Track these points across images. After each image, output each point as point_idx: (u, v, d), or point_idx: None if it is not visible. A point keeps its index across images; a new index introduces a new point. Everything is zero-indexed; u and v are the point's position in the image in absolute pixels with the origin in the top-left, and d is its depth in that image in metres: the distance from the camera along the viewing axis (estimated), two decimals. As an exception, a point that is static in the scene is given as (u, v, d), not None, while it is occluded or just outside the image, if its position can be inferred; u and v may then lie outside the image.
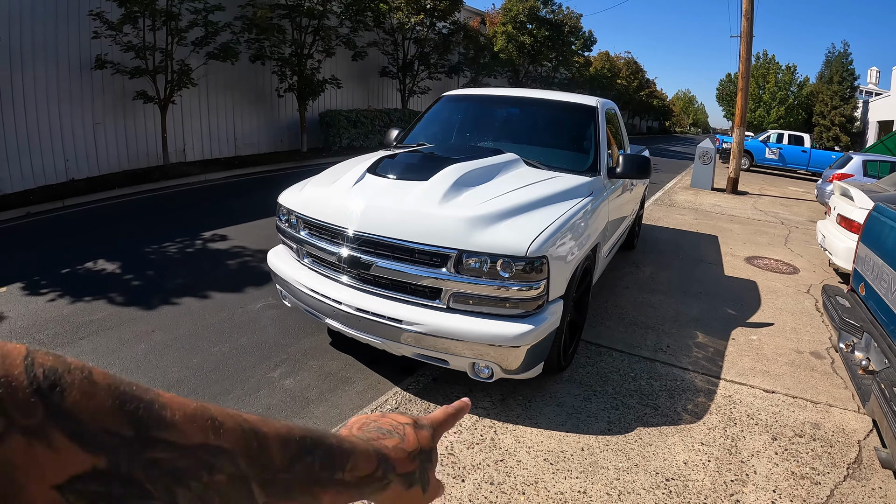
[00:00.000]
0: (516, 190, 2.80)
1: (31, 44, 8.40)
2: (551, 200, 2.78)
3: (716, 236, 7.15)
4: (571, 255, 2.63)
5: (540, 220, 2.53)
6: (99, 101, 9.73)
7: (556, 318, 2.54)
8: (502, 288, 2.38)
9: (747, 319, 4.18)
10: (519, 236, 2.37)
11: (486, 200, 2.61)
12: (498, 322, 2.41)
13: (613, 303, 4.32)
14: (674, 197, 10.46)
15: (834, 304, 3.09)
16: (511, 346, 2.38)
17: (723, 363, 3.38)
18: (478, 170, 2.93)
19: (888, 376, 2.13)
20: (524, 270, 2.35)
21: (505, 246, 2.35)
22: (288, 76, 12.53)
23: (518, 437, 2.54)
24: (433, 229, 2.45)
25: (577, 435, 2.55)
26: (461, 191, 2.68)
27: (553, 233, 2.47)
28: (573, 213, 2.73)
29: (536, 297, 2.42)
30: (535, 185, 2.93)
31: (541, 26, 21.11)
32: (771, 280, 5.30)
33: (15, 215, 7.65)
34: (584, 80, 28.48)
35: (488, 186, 2.80)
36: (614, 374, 3.14)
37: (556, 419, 2.68)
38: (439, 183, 2.69)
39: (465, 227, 2.42)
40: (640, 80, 40.94)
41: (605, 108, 3.92)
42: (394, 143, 4.19)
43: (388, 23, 15.19)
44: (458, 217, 2.46)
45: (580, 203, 2.89)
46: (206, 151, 12.44)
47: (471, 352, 2.44)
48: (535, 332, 2.40)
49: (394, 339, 2.57)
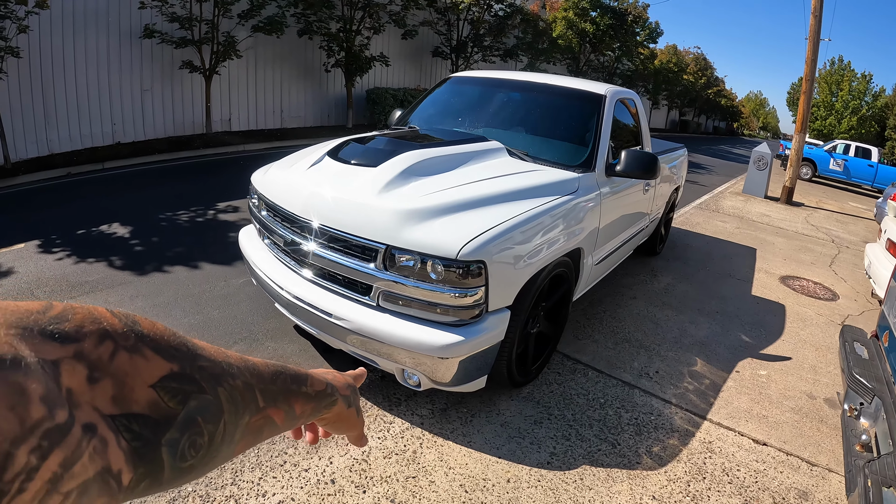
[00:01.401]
0: (476, 182, 2.49)
1: (84, 11, 8.69)
2: (515, 196, 2.45)
3: (754, 249, 6.46)
4: (527, 260, 2.30)
5: (489, 218, 2.22)
6: (147, 69, 10.00)
7: (498, 331, 2.24)
8: (432, 291, 2.10)
9: (761, 350, 3.67)
10: (453, 236, 2.08)
11: (433, 192, 2.33)
12: (426, 328, 2.14)
13: (612, 314, 3.92)
14: (721, 202, 9.63)
15: (849, 350, 2.57)
16: (438, 356, 2.10)
17: (715, 400, 2.94)
18: (440, 157, 2.64)
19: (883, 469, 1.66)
20: (457, 274, 2.06)
21: (435, 245, 2.07)
22: (335, 52, 12.47)
23: (442, 455, 2.29)
24: (366, 221, 2.23)
25: (510, 463, 2.25)
26: (409, 180, 2.41)
27: (500, 234, 2.16)
28: (538, 213, 2.39)
29: (471, 306, 2.13)
30: (503, 177, 2.61)
31: (604, 14, 20.02)
32: (803, 305, 4.69)
33: (57, 174, 8.00)
34: (649, 72, 26.91)
35: (446, 177, 2.51)
36: (581, 397, 2.79)
37: (494, 441, 2.39)
38: (386, 171, 2.45)
39: (398, 220, 2.17)
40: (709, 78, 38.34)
41: (615, 98, 3.50)
42: (393, 125, 3.99)
43: (442, 2, 14.81)
44: (392, 209, 2.20)
45: (554, 202, 2.54)
46: (251, 122, 12.66)
47: (397, 356, 2.20)
48: (467, 343, 2.11)
49: (327, 331, 2.41)
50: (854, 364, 2.39)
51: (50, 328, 0.30)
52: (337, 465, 2.20)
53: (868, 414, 2.11)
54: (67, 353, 0.30)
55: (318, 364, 3.06)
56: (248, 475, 2.12)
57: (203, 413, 0.38)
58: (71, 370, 0.29)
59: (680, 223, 7.33)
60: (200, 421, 0.38)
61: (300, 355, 3.15)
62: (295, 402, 0.52)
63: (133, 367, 0.33)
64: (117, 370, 0.32)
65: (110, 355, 0.32)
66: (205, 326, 3.50)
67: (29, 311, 0.30)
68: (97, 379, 0.31)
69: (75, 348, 0.30)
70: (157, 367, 0.35)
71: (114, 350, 0.33)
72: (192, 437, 0.37)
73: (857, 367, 2.35)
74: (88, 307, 0.35)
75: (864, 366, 2.41)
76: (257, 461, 2.20)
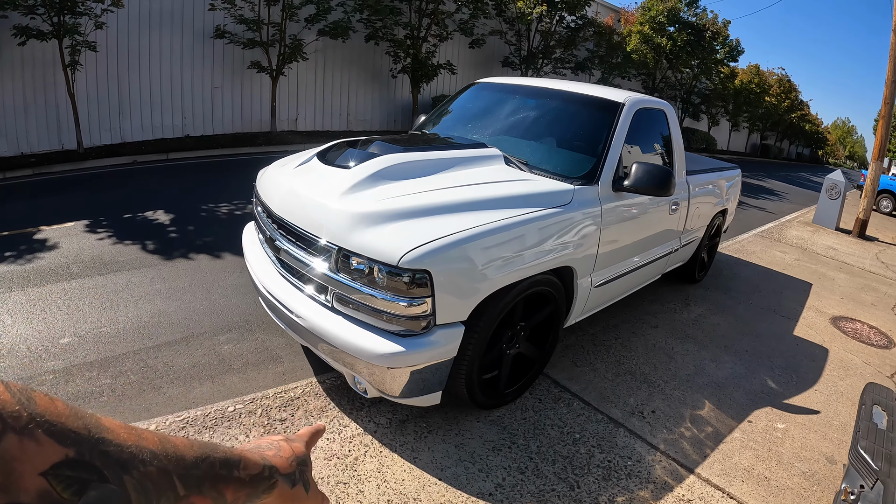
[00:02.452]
0: (450, 189, 2.36)
1: (160, 10, 9.35)
2: (489, 205, 2.29)
3: (810, 284, 5.81)
4: (488, 274, 2.13)
5: (448, 226, 2.08)
6: (218, 67, 10.61)
7: (448, 347, 2.08)
8: (376, 298, 1.99)
9: (786, 399, 3.23)
10: (398, 242, 1.96)
11: (396, 196, 2.23)
12: (369, 334, 2.03)
13: (624, 342, 3.62)
14: (785, 231, 8.80)
15: (864, 416, 2.17)
16: (375, 364, 1.99)
17: (711, 452, 2.60)
18: (419, 162, 2.54)
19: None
20: (400, 282, 1.94)
21: (378, 251, 1.96)
22: (402, 58, 12.67)
23: (382, 467, 2.17)
24: (324, 221, 2.20)
25: (448, 487, 2.08)
26: (377, 183, 2.33)
27: (453, 243, 2.01)
28: (507, 225, 2.21)
29: (417, 317, 1.99)
30: (483, 185, 2.45)
31: (682, 29, 19.06)
32: (850, 351, 4.12)
33: (123, 161, 8.62)
34: (728, 92, 25.27)
35: (418, 182, 2.39)
36: (555, 428, 2.56)
37: (442, 461, 2.23)
38: (356, 173, 2.41)
39: (351, 222, 2.10)
40: (793, 101, 35.50)
41: (636, 108, 3.23)
42: (415, 128, 3.96)
43: (511, 12, 14.71)
44: (348, 211, 2.15)
45: (532, 214, 2.35)
46: (317, 123, 13.11)
47: (345, 360, 2.11)
48: (408, 355, 1.98)
49: (290, 327, 2.39)
50: (864, 435, 2.00)
51: None
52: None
53: (868, 501, 1.74)
54: None
55: (294, 361, 3.05)
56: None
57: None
58: None
59: (733, 250, 6.76)
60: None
61: (285, 349, 3.19)
62: (225, 489, 0.46)
63: (22, 452, 0.30)
64: (4, 454, 0.29)
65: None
66: (207, 312, 3.62)
67: None
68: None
69: None
70: (50, 452, 0.32)
71: (1, 430, 0.29)
72: None
73: (867, 440, 1.96)
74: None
75: (879, 438, 2.01)
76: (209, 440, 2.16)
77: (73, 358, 2.92)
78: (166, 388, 2.72)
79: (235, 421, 2.42)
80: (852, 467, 1.89)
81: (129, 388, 2.69)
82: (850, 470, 1.87)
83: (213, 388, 2.75)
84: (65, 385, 2.68)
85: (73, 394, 2.63)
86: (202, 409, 2.49)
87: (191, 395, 2.68)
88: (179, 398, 2.64)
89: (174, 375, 2.84)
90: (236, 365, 2.99)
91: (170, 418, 2.40)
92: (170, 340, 3.19)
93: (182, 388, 2.73)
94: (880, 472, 1.77)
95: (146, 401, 2.61)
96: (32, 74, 8.24)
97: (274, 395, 2.65)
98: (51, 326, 3.25)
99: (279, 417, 2.47)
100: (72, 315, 3.41)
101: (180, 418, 2.40)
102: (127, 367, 2.87)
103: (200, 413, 2.45)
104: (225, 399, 2.62)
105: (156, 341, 3.17)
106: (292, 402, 2.60)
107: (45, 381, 2.70)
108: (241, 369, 2.95)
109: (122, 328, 3.30)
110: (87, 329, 3.25)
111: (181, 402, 2.60)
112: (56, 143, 8.76)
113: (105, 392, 2.65)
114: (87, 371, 2.81)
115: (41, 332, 3.17)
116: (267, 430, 2.38)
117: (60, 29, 7.52)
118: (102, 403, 2.55)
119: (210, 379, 2.83)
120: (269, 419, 2.45)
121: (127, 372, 2.83)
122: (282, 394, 2.65)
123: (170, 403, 2.59)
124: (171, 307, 3.64)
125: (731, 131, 32.36)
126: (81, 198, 6.54)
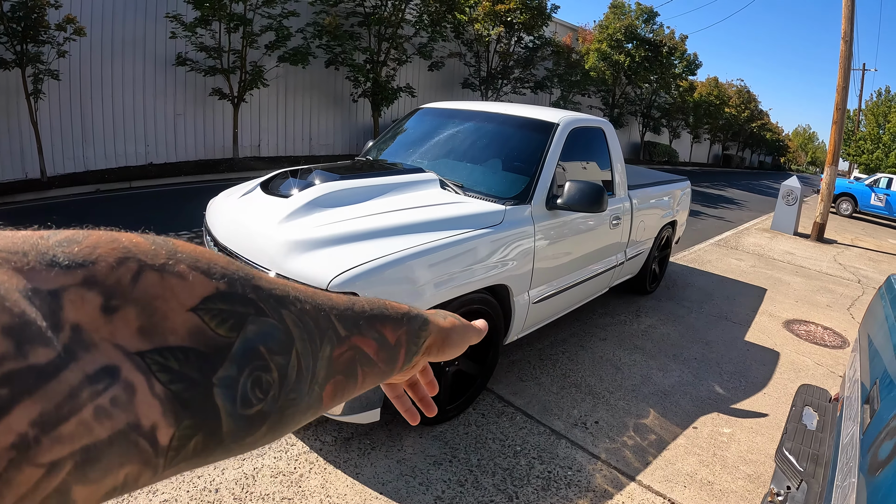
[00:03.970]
0: (383, 214, 2.44)
1: (122, 38, 9.33)
2: (420, 228, 2.37)
3: (765, 290, 6.02)
4: (418, 295, 2.19)
5: (377, 249, 2.15)
6: (180, 95, 10.59)
7: (380, 368, 2.13)
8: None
9: (733, 403, 3.35)
10: (328, 267, 2.03)
11: (330, 223, 2.31)
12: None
13: (571, 356, 3.70)
14: (743, 238, 9.12)
15: (795, 416, 2.27)
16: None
17: (654, 459, 2.68)
18: (355, 189, 2.63)
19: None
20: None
21: (309, 275, 2.03)
22: (362, 82, 12.82)
23: (326, 482, 2.23)
24: (263, 248, 2.28)
25: (389, 501, 2.13)
26: (313, 211, 2.42)
27: (380, 266, 2.08)
28: (436, 246, 2.29)
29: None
30: (416, 209, 2.53)
31: (640, 46, 19.79)
32: (803, 353, 4.29)
33: (86, 190, 8.50)
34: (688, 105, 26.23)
35: (353, 208, 2.48)
36: (496, 442, 2.61)
37: (383, 476, 2.27)
38: (294, 202, 2.51)
39: (285, 249, 2.18)
40: (752, 111, 37.08)
41: (570, 127, 3.37)
42: (360, 155, 4.05)
43: (469, 34, 15.06)
44: (283, 239, 2.24)
45: (461, 235, 2.44)
46: (280, 149, 13.10)
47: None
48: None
49: None
50: (790, 436, 2.09)
51: (51, 254, 0.24)
52: (227, 476, 2.21)
53: (794, 502, 1.81)
54: (73, 280, 0.23)
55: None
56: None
57: (266, 341, 0.30)
58: (78, 300, 0.23)
59: (688, 260, 6.97)
60: (264, 351, 0.29)
61: None
62: (383, 328, 0.43)
63: (165, 289, 0.26)
64: (143, 294, 0.25)
65: (132, 277, 0.25)
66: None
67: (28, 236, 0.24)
68: (115, 308, 0.24)
69: (84, 273, 0.24)
70: (199, 285, 0.28)
71: (138, 270, 0.25)
72: (254, 372, 0.29)
73: (792, 441, 2.05)
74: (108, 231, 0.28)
75: (807, 439, 2.11)
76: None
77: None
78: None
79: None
80: (778, 469, 1.97)
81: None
82: (777, 471, 1.95)
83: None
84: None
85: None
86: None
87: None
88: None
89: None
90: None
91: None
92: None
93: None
94: (804, 473, 1.85)
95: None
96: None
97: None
98: None
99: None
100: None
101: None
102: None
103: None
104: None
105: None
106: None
107: None
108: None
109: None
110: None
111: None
112: (20, 171, 8.62)
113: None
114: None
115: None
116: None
117: (23, 57, 7.48)
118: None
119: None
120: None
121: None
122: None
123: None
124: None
125: (692, 143, 33.43)
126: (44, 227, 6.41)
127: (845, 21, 9.20)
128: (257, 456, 2.35)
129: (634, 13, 20.27)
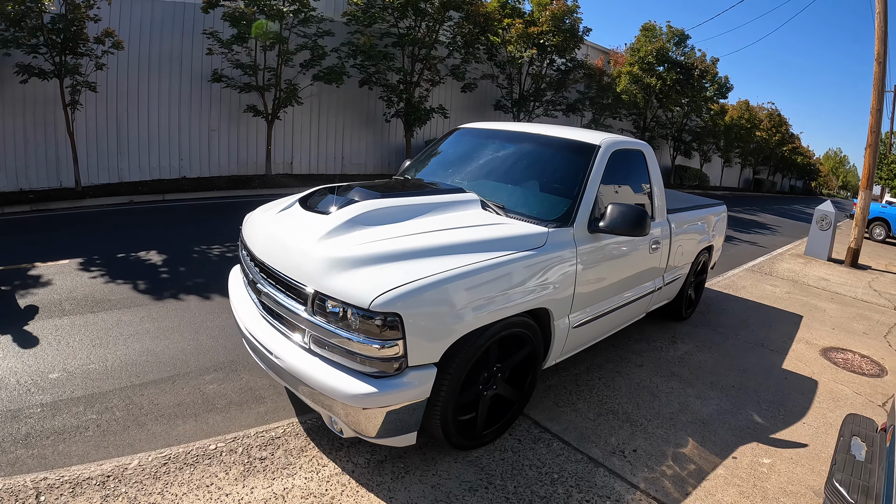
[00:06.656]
0: (424, 234, 2.44)
1: (159, 53, 9.69)
2: (463, 249, 2.36)
3: (800, 316, 5.83)
4: (459, 317, 2.18)
5: (419, 270, 2.14)
6: (216, 110, 10.90)
7: (421, 389, 2.11)
8: (350, 340, 2.04)
9: (773, 433, 3.23)
10: (370, 286, 2.02)
11: (371, 242, 2.31)
12: (342, 375, 2.07)
13: (607, 382, 3.63)
14: (776, 264, 8.87)
15: (844, 447, 2.18)
16: (354, 405, 2.02)
17: (693, 490, 2.59)
18: (396, 208, 2.63)
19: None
20: (372, 325, 1.99)
21: (351, 294, 2.03)
22: (395, 102, 13.01)
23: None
24: (301, 265, 2.28)
25: (423, 534, 2.08)
26: (354, 229, 2.42)
27: (422, 287, 2.07)
28: (479, 268, 2.28)
29: (389, 359, 2.03)
30: (458, 230, 2.52)
31: (671, 69, 19.68)
32: (841, 382, 4.12)
33: (120, 201, 8.76)
34: (719, 129, 25.87)
35: (394, 227, 2.48)
36: (532, 469, 2.56)
37: (417, 501, 2.24)
38: (334, 219, 2.51)
39: (326, 266, 2.18)
40: (783, 134, 36.39)
41: (612, 149, 3.34)
42: (398, 175, 4.08)
43: (502, 56, 15.20)
44: (324, 256, 2.23)
45: (505, 257, 2.42)
46: (312, 166, 13.34)
47: (322, 401, 2.14)
48: (380, 396, 2.01)
49: (271, 368, 2.43)
50: (840, 468, 2.01)
51: None
52: (256, 495, 2.21)
53: None
54: None
55: (276, 401, 3.07)
56: (175, 489, 2.22)
57: None
58: None
59: (722, 286, 6.81)
60: None
61: (269, 390, 3.23)
62: None
63: None
64: None
65: None
66: (194, 352, 3.68)
67: None
68: None
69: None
70: None
71: None
72: None
73: (842, 472, 1.97)
74: None
75: (857, 470, 2.02)
76: (189, 477, 2.29)
77: (60, 393, 2.98)
78: (150, 425, 2.75)
79: (216, 459, 2.43)
80: (828, 500, 1.89)
81: (113, 424, 2.73)
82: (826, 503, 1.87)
83: (196, 427, 2.77)
84: (51, 419, 2.72)
85: (58, 427, 2.66)
86: (184, 446, 2.52)
87: (174, 432, 2.70)
88: (162, 435, 2.67)
89: (158, 413, 2.87)
90: (220, 404, 3.02)
91: (152, 454, 2.44)
92: (156, 379, 3.24)
93: (166, 425, 2.76)
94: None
95: (130, 437, 2.64)
96: (33, 112, 8.48)
97: (255, 434, 2.66)
98: (41, 361, 3.31)
99: (259, 456, 2.48)
100: (62, 351, 3.47)
101: (162, 455, 2.44)
102: (113, 404, 2.91)
103: (182, 450, 2.48)
104: (207, 437, 2.65)
105: (143, 379, 3.22)
106: (273, 441, 2.61)
107: (32, 413, 2.75)
108: (225, 408, 2.98)
109: (111, 365, 3.34)
110: (77, 365, 3.31)
111: (164, 440, 2.63)
112: (55, 180, 8.94)
113: (90, 427, 2.69)
114: (73, 406, 2.86)
115: (31, 366, 3.25)
116: (247, 468, 2.38)
117: (62, 69, 7.79)
118: (87, 438, 2.60)
119: (194, 417, 2.87)
120: (250, 458, 2.46)
121: (113, 408, 2.87)
122: (263, 433, 2.68)
123: (152, 440, 2.62)
124: (160, 346, 3.70)
125: (723, 167, 32.92)
126: (77, 236, 6.64)
127: (878, 42, 9.01)
128: (287, 476, 2.34)
129: (666, 36, 20.23)
